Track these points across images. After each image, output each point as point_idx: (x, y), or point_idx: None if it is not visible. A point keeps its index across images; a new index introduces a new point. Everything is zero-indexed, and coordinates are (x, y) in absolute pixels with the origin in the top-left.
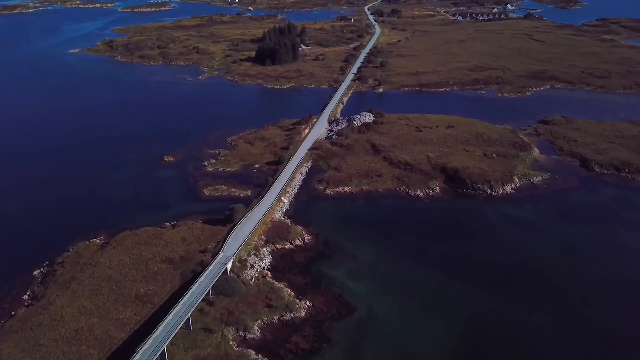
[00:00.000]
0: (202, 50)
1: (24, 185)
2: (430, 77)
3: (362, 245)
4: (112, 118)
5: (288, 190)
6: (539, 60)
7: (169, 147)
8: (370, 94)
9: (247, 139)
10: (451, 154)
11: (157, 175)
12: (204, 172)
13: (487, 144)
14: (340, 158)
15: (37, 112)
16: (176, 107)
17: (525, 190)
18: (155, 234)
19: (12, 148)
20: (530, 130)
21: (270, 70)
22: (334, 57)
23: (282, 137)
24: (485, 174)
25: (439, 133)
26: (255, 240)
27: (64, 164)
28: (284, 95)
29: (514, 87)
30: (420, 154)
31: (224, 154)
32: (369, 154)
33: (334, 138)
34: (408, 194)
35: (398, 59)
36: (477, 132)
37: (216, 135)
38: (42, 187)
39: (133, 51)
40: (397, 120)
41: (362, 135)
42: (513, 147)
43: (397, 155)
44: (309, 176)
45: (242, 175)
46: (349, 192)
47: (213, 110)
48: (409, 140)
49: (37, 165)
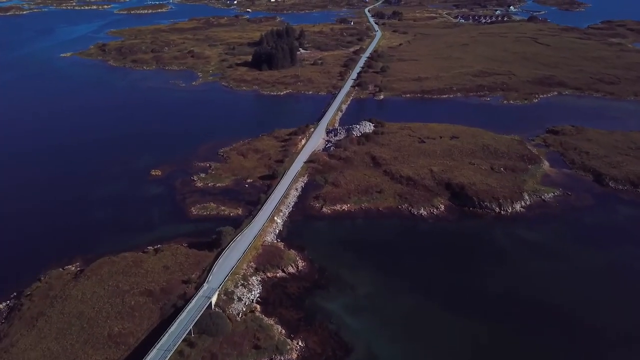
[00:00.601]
0: (197, 54)
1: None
2: (433, 83)
3: (361, 273)
4: (97, 127)
5: (281, 209)
6: (545, 65)
7: (156, 159)
8: (370, 101)
9: (240, 150)
10: (456, 168)
11: (142, 192)
12: (193, 188)
13: (494, 157)
14: (338, 172)
15: (15, 119)
16: (167, 115)
17: (536, 209)
18: (135, 260)
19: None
20: (539, 140)
21: (266, 75)
22: (333, 61)
23: (276, 148)
24: (493, 190)
25: (442, 144)
26: (243, 267)
27: (41, 178)
28: (280, 102)
29: (519, 93)
30: (423, 168)
31: (214, 167)
32: (368, 167)
33: (331, 150)
34: (410, 212)
35: (399, 64)
36: (482, 143)
37: (207, 146)
38: (14, 205)
39: (126, 55)
40: (398, 130)
41: (362, 147)
42: (521, 159)
43: (399, 169)
44: (304, 192)
45: (232, 191)
46: (347, 210)
47: (205, 118)
48: (411, 152)
49: (10, 180)
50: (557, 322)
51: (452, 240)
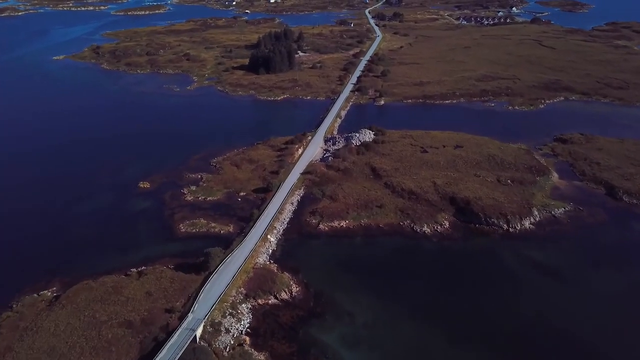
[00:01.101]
0: (192, 57)
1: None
2: (435, 88)
3: (360, 298)
4: (84, 135)
5: (275, 226)
6: (550, 69)
7: (145, 170)
8: (370, 107)
9: (234, 161)
10: (460, 180)
11: (129, 206)
12: (182, 202)
13: (500, 168)
14: (336, 184)
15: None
16: (159, 122)
17: (546, 225)
18: (116, 286)
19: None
20: (547, 149)
21: (263, 79)
22: (332, 64)
23: (272, 158)
24: (500, 205)
25: (446, 154)
26: (232, 294)
27: (22, 191)
28: (278, 108)
29: (525, 98)
30: (425, 180)
31: (206, 179)
32: (368, 179)
33: (329, 160)
34: (413, 229)
35: (400, 67)
36: (488, 153)
37: (200, 156)
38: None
39: (120, 58)
40: (400, 139)
41: (361, 157)
42: (529, 171)
43: (400, 181)
44: (300, 206)
45: (224, 206)
46: (345, 227)
47: (199, 125)
48: (413, 162)
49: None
50: (573, 355)
51: (457, 261)
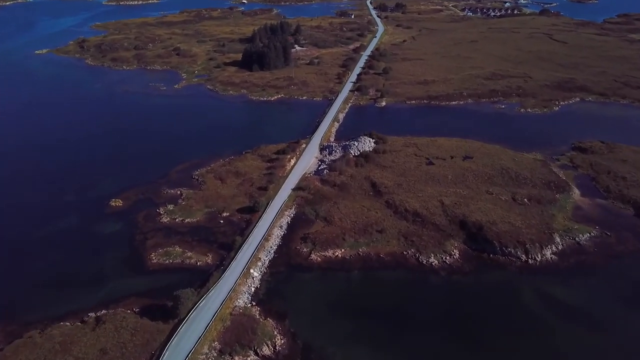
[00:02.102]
0: (183, 51)
1: None
2: (440, 87)
3: (356, 351)
4: (54, 143)
5: (260, 257)
6: (563, 66)
7: (119, 185)
8: (371, 109)
9: (218, 173)
10: (471, 199)
11: (96, 230)
12: (157, 224)
13: (515, 183)
14: (331, 202)
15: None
16: (140, 126)
17: (570, 255)
18: (64, 341)
19: None
20: (565, 160)
21: (257, 77)
22: (331, 60)
23: (261, 170)
24: (518, 231)
25: (454, 167)
26: (204, 350)
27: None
28: (270, 110)
29: (537, 99)
30: (432, 199)
31: (186, 196)
32: (367, 195)
33: (324, 173)
34: (418, 260)
35: (403, 64)
36: (501, 166)
37: (181, 167)
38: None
39: (106, 52)
40: (403, 148)
41: (360, 170)
42: (547, 187)
43: (404, 200)
44: (290, 230)
45: (204, 230)
46: (341, 257)
47: (183, 130)
48: (417, 177)
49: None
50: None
51: (468, 302)
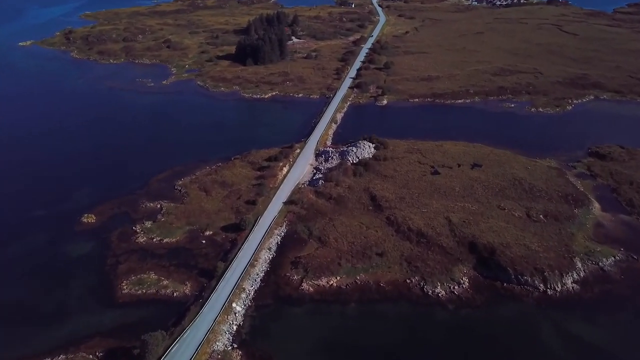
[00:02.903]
0: (174, 44)
1: None
2: (445, 84)
3: None
4: (25, 149)
5: (245, 287)
6: (575, 60)
7: (94, 197)
8: (371, 108)
9: (203, 183)
10: (481, 216)
11: (64, 251)
12: (132, 245)
13: (530, 196)
14: (326, 219)
15: None
16: (121, 128)
17: (594, 284)
18: None
19: None
20: (581, 167)
21: (250, 72)
22: (330, 53)
23: (250, 180)
24: (534, 256)
25: (462, 177)
26: None
27: None
28: (263, 109)
29: (549, 98)
30: (438, 215)
31: (166, 210)
32: (366, 210)
33: (319, 184)
34: (423, 290)
35: (405, 58)
36: (513, 176)
37: (163, 176)
38: None
39: (93, 44)
40: (405, 154)
41: (359, 180)
42: (565, 200)
43: (406, 217)
44: (280, 252)
45: (184, 252)
46: (336, 286)
47: (168, 132)
48: (421, 188)
49: None
50: None
51: (480, 341)
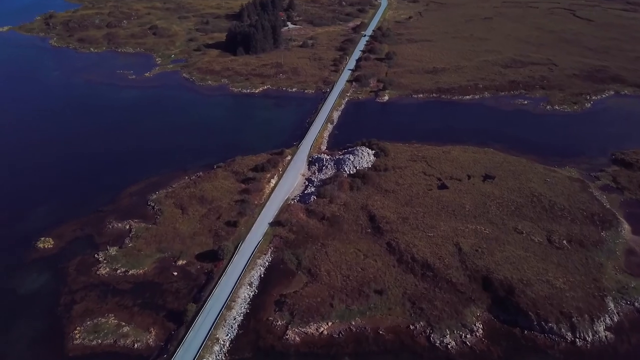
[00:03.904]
0: (160, 30)
1: None
2: (452, 78)
3: None
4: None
5: (218, 335)
6: (592, 50)
7: (53, 216)
8: (371, 105)
9: (180, 198)
10: (496, 242)
11: (11, 287)
12: (92, 278)
13: (550, 216)
14: (318, 244)
15: None
16: (93, 130)
17: (631, 331)
18: None
19: None
20: (606, 178)
21: (241, 63)
22: (327, 41)
23: (232, 194)
24: (559, 296)
25: (472, 192)
26: None
27: None
28: (253, 106)
29: (565, 93)
30: (446, 241)
31: (136, 232)
32: (364, 233)
33: (311, 200)
34: (429, 339)
35: (408, 47)
36: (531, 191)
37: (136, 188)
38: None
39: (74, 31)
40: (409, 163)
41: (356, 195)
42: (590, 220)
43: (410, 242)
44: (262, 287)
45: (151, 287)
46: (328, 334)
47: (145, 135)
48: (427, 206)
49: None
50: None
51: None
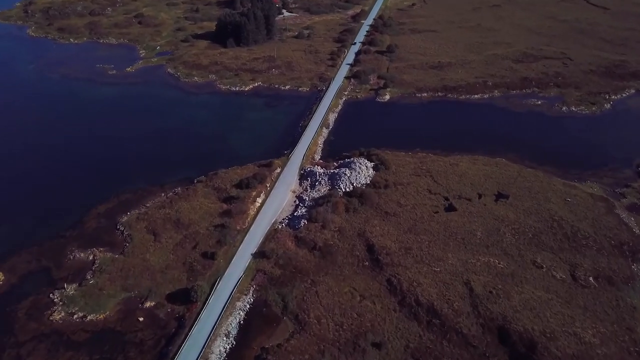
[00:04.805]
0: (146, 19)
1: None
2: (459, 74)
3: None
4: None
5: None
6: (608, 42)
7: (6, 244)
8: (371, 105)
9: (153, 221)
10: (512, 279)
11: None
12: (44, 326)
13: (573, 245)
14: (308, 281)
15: None
16: (62, 139)
17: None
18: None
19: None
20: (633, 196)
21: (230, 56)
22: (325, 32)
23: (212, 217)
24: (590, 354)
25: (484, 214)
26: None
27: None
28: (242, 106)
29: (582, 92)
30: (455, 279)
31: (100, 264)
32: (361, 267)
33: (302, 225)
34: None
35: (411, 38)
36: (550, 214)
37: (104, 208)
38: None
39: (54, 19)
40: (412, 179)
41: (352, 218)
42: (619, 251)
43: (414, 279)
44: (241, 339)
45: (111, 337)
46: None
47: (120, 143)
48: (433, 233)
49: None
50: None
51: None
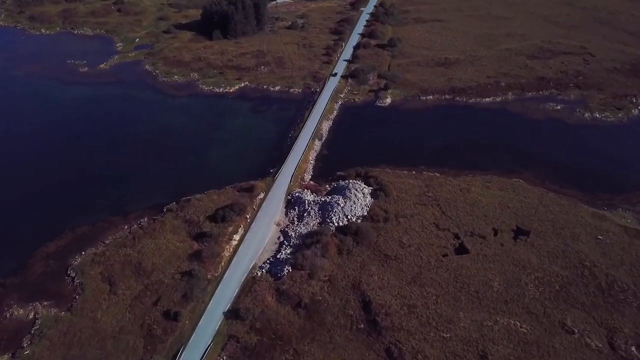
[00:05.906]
0: (126, 6)
1: None
2: (468, 73)
3: None
4: None
5: None
6: (632, 35)
7: None
8: (370, 111)
9: (110, 265)
10: (537, 350)
11: None
12: None
13: (609, 301)
14: (289, 350)
15: None
16: (15, 156)
17: None
18: None
19: None
20: None
21: (216, 50)
22: (321, 21)
23: (180, 261)
24: None
25: (501, 259)
26: None
27: None
28: (225, 113)
29: (606, 95)
30: (468, 351)
31: (41, 325)
32: (355, 331)
33: (285, 274)
34: None
35: (416, 28)
36: (580, 258)
37: (55, 246)
38: None
39: (26, 6)
40: (417, 209)
41: (345, 264)
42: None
43: (419, 350)
44: None
45: None
46: None
47: (81, 160)
48: (441, 284)
49: None
50: None
51: None
